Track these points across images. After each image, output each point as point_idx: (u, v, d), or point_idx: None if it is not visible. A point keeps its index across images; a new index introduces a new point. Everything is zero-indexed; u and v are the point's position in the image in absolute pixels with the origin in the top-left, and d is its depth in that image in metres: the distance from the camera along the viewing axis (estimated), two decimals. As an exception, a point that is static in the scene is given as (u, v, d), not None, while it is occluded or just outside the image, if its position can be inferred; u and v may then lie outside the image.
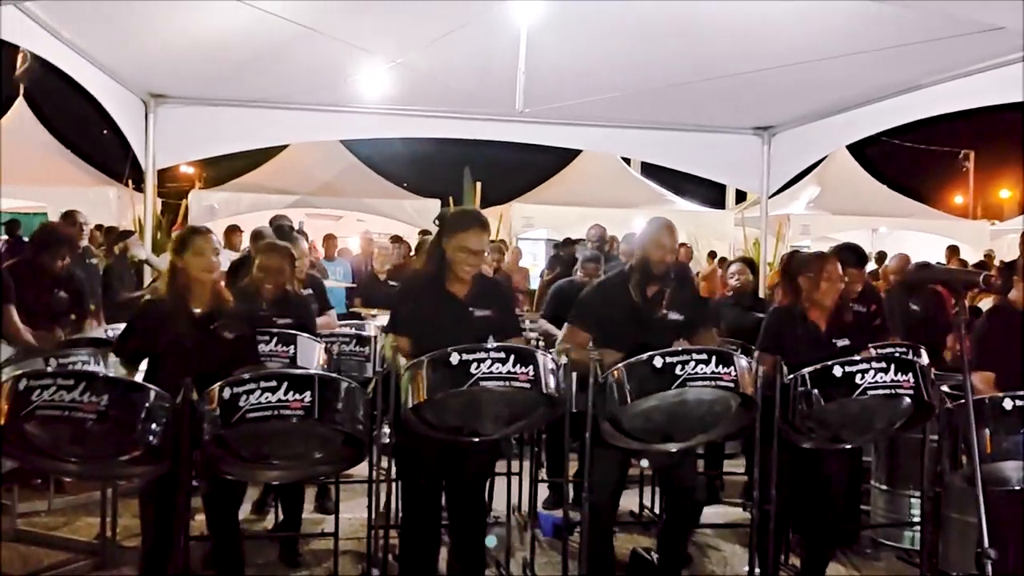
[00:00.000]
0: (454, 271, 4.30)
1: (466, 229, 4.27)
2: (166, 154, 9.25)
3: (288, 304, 5.37)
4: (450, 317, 4.25)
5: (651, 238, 4.59)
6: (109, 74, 7.95)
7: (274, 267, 5.30)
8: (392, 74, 7.92)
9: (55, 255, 6.01)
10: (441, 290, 4.33)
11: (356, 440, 3.97)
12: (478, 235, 4.28)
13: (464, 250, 4.24)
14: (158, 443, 3.70)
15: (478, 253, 4.28)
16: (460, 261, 4.26)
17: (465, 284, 4.34)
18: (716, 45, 7.13)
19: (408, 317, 4.35)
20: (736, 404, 4.17)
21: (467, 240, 4.25)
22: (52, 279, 6.06)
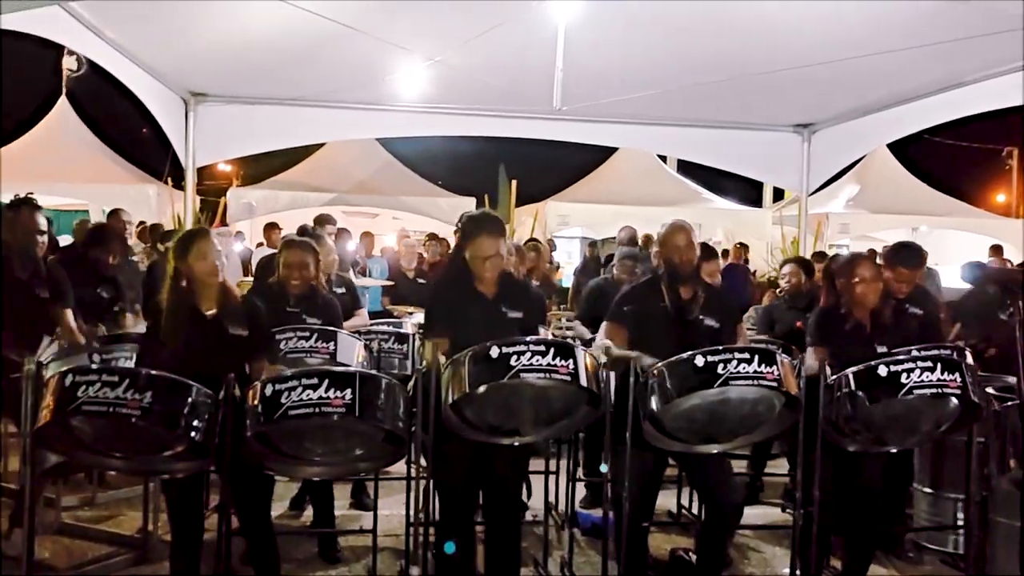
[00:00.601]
0: (476, 274, 4.35)
1: (477, 235, 4.31)
2: (206, 152, 9.37)
3: (316, 301, 5.36)
4: (482, 316, 4.28)
5: (665, 243, 4.63)
6: (151, 73, 8.06)
7: (296, 262, 5.29)
8: (429, 72, 7.95)
9: (106, 252, 6.09)
10: (471, 290, 4.36)
11: (396, 437, 3.98)
12: (489, 240, 4.29)
13: (477, 257, 4.29)
14: (201, 439, 3.72)
15: (491, 258, 4.30)
16: (478, 267, 4.32)
17: (492, 284, 4.37)
18: (757, 41, 7.08)
19: (443, 318, 4.35)
20: (780, 404, 4.12)
21: (478, 246, 4.29)
22: (99, 276, 6.13)
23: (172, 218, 12.37)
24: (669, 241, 4.62)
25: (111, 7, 6.11)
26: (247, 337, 4.16)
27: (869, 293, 4.66)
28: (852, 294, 4.69)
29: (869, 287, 4.66)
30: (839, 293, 4.77)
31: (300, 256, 5.29)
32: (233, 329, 4.13)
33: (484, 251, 4.28)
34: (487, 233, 4.32)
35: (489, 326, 4.17)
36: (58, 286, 5.28)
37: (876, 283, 4.70)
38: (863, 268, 4.69)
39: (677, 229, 4.65)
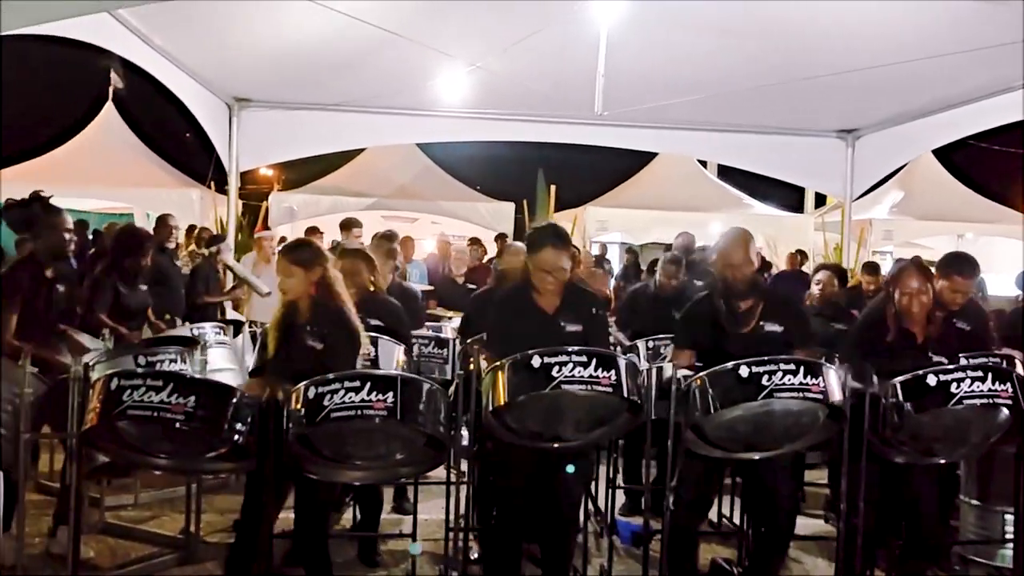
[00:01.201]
0: (537, 287, 4.28)
1: (542, 248, 4.24)
2: (249, 157, 9.47)
3: (374, 305, 5.38)
4: (538, 332, 4.19)
5: (722, 255, 4.48)
6: (196, 79, 8.15)
7: (349, 270, 5.32)
8: (471, 77, 7.97)
9: (138, 256, 6.14)
10: (529, 303, 4.31)
11: (437, 442, 3.98)
12: (553, 253, 4.22)
13: (541, 269, 4.23)
14: (244, 441, 3.76)
15: (555, 271, 4.23)
16: (541, 279, 4.25)
17: (554, 297, 4.30)
18: (801, 45, 7.02)
19: (497, 330, 4.33)
20: (824, 415, 4.07)
21: (542, 259, 4.22)
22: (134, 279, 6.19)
23: (215, 222, 12.52)
24: (723, 253, 4.47)
25: (158, 13, 6.18)
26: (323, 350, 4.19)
27: (914, 304, 4.53)
28: (900, 305, 4.57)
29: (914, 298, 4.53)
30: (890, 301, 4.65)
31: (353, 264, 5.33)
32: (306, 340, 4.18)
33: (546, 264, 4.21)
34: (552, 244, 4.24)
35: (544, 343, 4.04)
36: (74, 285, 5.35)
37: (923, 295, 4.54)
38: (909, 278, 4.57)
39: (736, 242, 4.47)
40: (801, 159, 10.07)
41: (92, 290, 6.01)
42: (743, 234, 4.53)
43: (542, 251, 4.23)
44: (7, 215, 5.07)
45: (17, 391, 4.33)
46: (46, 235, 5.00)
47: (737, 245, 4.45)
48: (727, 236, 4.56)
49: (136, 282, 6.18)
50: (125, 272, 6.10)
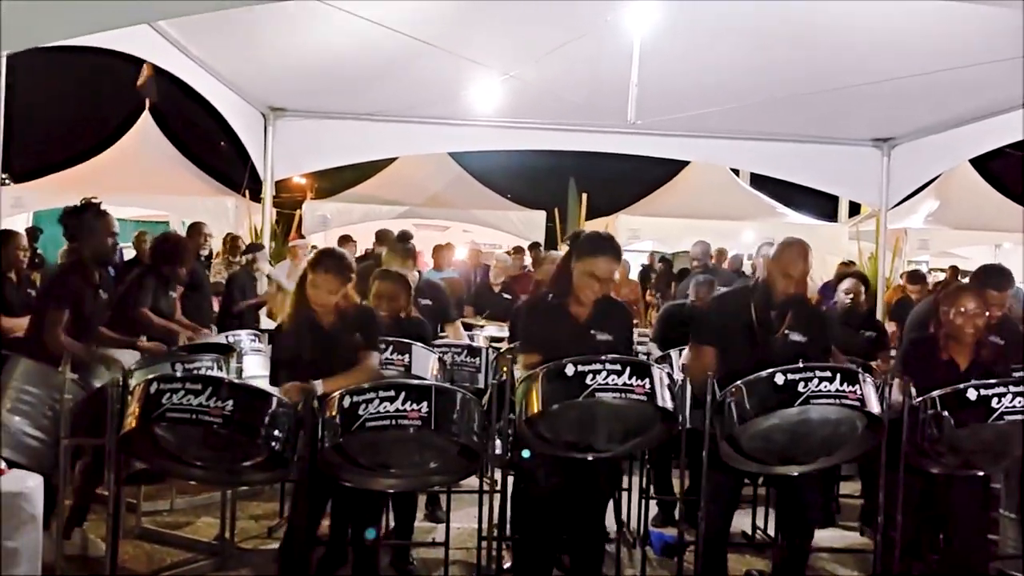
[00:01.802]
0: (577, 294, 4.24)
1: (595, 255, 4.20)
2: (284, 165, 9.56)
3: (402, 325, 5.41)
4: (570, 339, 4.19)
5: (781, 263, 4.41)
6: (232, 88, 8.24)
7: (387, 293, 5.36)
8: (504, 87, 7.99)
9: (176, 264, 6.24)
10: (563, 311, 4.29)
11: (471, 451, 3.99)
12: (608, 263, 4.19)
13: (591, 275, 4.17)
14: (280, 449, 3.78)
15: (605, 280, 4.20)
16: (585, 286, 4.19)
17: (587, 307, 4.28)
18: (836, 53, 6.97)
19: (533, 335, 4.33)
20: (862, 425, 4.03)
21: (595, 266, 4.17)
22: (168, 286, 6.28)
23: (249, 230, 12.62)
24: (783, 262, 4.40)
25: (195, 24, 6.25)
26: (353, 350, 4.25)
27: (968, 327, 4.42)
28: (952, 327, 4.46)
29: (969, 321, 4.41)
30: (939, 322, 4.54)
31: (391, 288, 5.35)
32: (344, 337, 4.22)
33: (600, 271, 4.16)
34: (611, 254, 4.22)
35: (575, 351, 4.05)
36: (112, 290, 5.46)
37: (979, 318, 4.43)
38: (966, 299, 4.44)
39: (795, 254, 4.40)
40: (836, 168, 9.98)
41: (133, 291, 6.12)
42: (806, 247, 4.47)
43: (597, 259, 4.18)
44: (65, 223, 5.18)
45: (57, 397, 4.39)
46: (94, 240, 5.11)
47: (799, 257, 4.39)
48: (789, 246, 4.49)
49: (169, 289, 6.28)
50: (162, 278, 6.20)
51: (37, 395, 4.53)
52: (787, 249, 4.45)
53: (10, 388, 4.49)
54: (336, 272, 4.22)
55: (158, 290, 6.16)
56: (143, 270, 6.40)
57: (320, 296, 4.21)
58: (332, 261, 4.27)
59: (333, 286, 4.21)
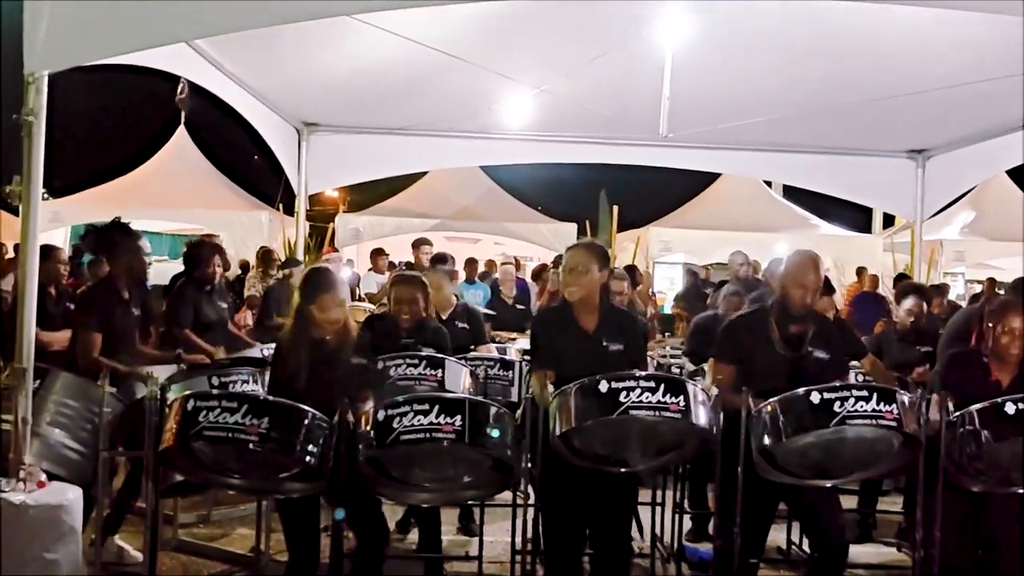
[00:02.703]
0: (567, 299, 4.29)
1: (568, 250, 4.35)
2: (317, 180, 9.66)
3: (426, 332, 5.44)
4: (581, 350, 4.20)
5: (791, 275, 4.37)
6: (267, 104, 8.33)
7: (406, 298, 5.38)
8: (535, 101, 8.02)
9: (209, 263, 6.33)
10: (571, 322, 4.29)
11: (504, 465, 4.00)
12: (575, 255, 4.28)
13: (566, 270, 4.26)
14: (315, 463, 3.81)
15: (572, 271, 4.23)
16: (564, 283, 4.28)
17: (593, 316, 4.28)
18: (869, 65, 6.93)
19: (546, 349, 4.34)
20: (898, 442, 3.99)
21: (568, 259, 4.28)
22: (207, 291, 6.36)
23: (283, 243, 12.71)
24: (793, 274, 4.36)
25: (230, 41, 6.34)
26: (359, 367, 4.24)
27: (1013, 347, 4.31)
28: (997, 345, 4.36)
29: (1016, 341, 4.30)
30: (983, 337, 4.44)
31: (410, 292, 5.38)
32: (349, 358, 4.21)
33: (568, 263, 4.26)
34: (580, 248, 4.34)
35: (587, 360, 4.09)
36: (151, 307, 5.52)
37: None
38: (1014, 318, 4.31)
39: (805, 265, 4.37)
40: (870, 180, 9.91)
41: (173, 306, 6.21)
42: (814, 257, 4.45)
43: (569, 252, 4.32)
44: (85, 239, 5.26)
45: (96, 410, 4.45)
46: (125, 259, 5.18)
47: (808, 268, 4.36)
48: (798, 258, 4.46)
49: (211, 295, 6.35)
50: (198, 283, 6.29)
51: (76, 408, 4.61)
52: (795, 261, 4.43)
53: (50, 401, 4.56)
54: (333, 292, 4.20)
55: (199, 300, 6.25)
56: (180, 283, 6.49)
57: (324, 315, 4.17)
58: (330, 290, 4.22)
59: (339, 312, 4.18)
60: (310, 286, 4.18)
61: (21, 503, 4.04)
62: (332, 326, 4.16)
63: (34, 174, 4.20)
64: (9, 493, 4.06)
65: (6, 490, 4.08)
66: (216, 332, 6.32)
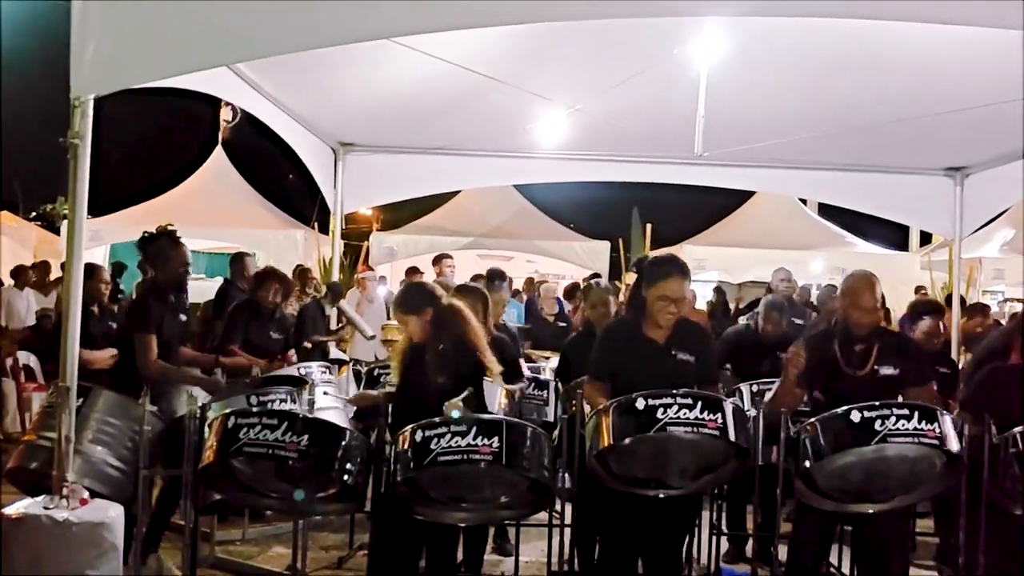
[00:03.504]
0: (654, 318, 4.23)
1: (666, 277, 4.20)
2: (352, 199, 9.71)
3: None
4: (649, 362, 4.18)
5: (849, 299, 4.35)
6: (304, 125, 8.41)
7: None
8: (570, 120, 8.02)
9: (270, 291, 6.46)
10: (640, 335, 4.27)
11: (541, 485, 4.00)
12: (679, 282, 4.19)
13: (664, 298, 4.15)
14: (353, 482, 3.84)
15: (679, 300, 4.19)
16: (660, 309, 4.17)
17: (666, 329, 4.25)
18: (907, 81, 6.86)
19: (604, 362, 4.33)
20: (941, 463, 3.94)
21: (667, 288, 4.16)
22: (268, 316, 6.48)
23: (318, 262, 12.84)
24: (851, 296, 4.34)
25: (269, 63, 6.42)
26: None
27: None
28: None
29: None
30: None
31: (471, 304, 5.37)
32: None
33: (672, 292, 4.16)
34: (679, 274, 4.23)
35: (656, 372, 4.08)
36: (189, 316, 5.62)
37: None
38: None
39: (862, 285, 4.34)
40: (907, 198, 9.78)
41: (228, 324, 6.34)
42: (871, 277, 4.41)
43: (667, 280, 4.18)
44: (143, 248, 5.36)
45: (137, 428, 4.51)
46: (168, 267, 5.27)
47: (865, 288, 4.33)
48: (855, 278, 4.44)
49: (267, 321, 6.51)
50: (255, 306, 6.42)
51: (118, 426, 4.66)
52: (853, 282, 4.41)
53: (92, 419, 4.62)
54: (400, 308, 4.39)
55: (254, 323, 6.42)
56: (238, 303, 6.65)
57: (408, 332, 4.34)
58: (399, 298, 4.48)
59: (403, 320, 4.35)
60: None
61: (64, 520, 4.08)
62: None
63: (79, 196, 4.27)
64: (53, 510, 4.11)
65: (50, 507, 4.13)
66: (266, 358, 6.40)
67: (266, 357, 6.19)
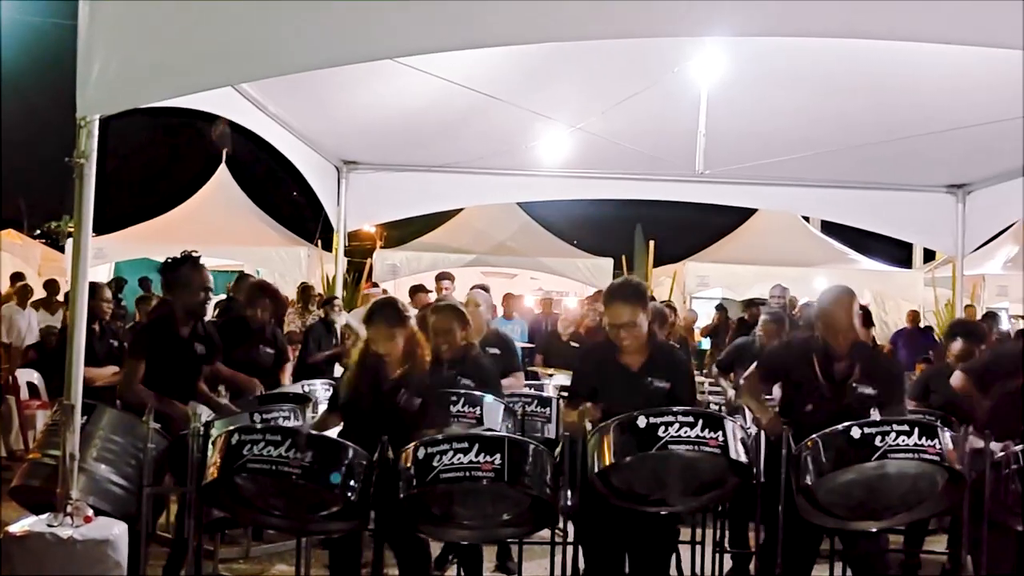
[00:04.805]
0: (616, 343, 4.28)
1: (609, 304, 4.29)
2: (356, 217, 9.78)
3: (466, 364, 5.45)
4: (624, 388, 4.22)
5: (823, 318, 4.41)
6: (307, 143, 8.48)
7: (443, 327, 5.40)
8: (572, 139, 8.08)
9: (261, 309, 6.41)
10: (615, 361, 4.31)
11: (543, 502, 4.00)
12: (623, 308, 4.22)
13: (612, 325, 4.23)
14: (356, 499, 3.85)
15: (625, 326, 4.21)
16: (613, 335, 4.25)
17: (640, 355, 4.29)
18: (907, 100, 6.91)
19: (587, 386, 4.35)
20: (942, 480, 3.94)
21: (612, 314, 4.24)
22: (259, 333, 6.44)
23: (321, 279, 12.85)
24: (828, 317, 4.39)
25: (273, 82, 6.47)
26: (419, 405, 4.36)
27: None
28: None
29: None
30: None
31: (447, 322, 5.41)
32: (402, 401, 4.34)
33: (614, 319, 4.23)
34: (618, 301, 4.26)
35: (632, 399, 4.10)
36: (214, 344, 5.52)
37: None
38: None
39: (838, 305, 4.39)
40: (909, 215, 9.83)
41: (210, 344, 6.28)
42: (846, 295, 4.45)
43: (611, 306, 4.26)
44: (165, 274, 5.27)
45: (140, 446, 4.52)
46: (187, 294, 5.18)
47: (839, 307, 4.38)
48: (829, 297, 4.49)
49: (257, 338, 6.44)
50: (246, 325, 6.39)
51: (122, 444, 4.66)
52: (828, 298, 4.46)
53: (96, 437, 4.62)
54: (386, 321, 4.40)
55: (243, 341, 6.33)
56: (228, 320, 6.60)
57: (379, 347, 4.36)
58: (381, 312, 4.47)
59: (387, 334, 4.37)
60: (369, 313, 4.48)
61: (68, 538, 4.09)
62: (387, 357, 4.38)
63: (84, 215, 4.29)
64: (57, 528, 4.12)
65: (54, 525, 4.14)
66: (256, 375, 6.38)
67: (256, 374, 6.16)
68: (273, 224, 15.66)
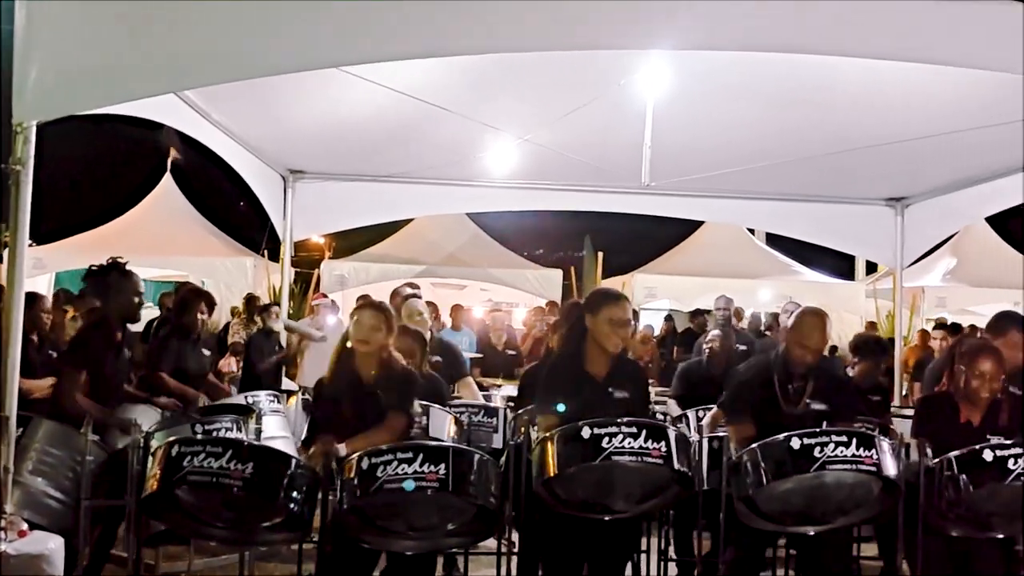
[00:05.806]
0: (600, 346, 4.28)
1: (612, 302, 4.31)
2: (302, 226, 9.66)
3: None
4: (588, 398, 4.23)
5: (797, 334, 4.44)
6: (252, 152, 8.37)
7: (405, 350, 5.35)
8: (520, 150, 8.09)
9: (196, 311, 6.31)
10: (580, 371, 4.33)
11: (488, 512, 4.00)
12: (623, 307, 4.31)
13: (611, 322, 4.24)
14: (299, 511, 3.81)
15: (625, 324, 4.29)
16: (607, 334, 4.25)
17: (604, 364, 4.32)
18: (848, 115, 7.03)
19: (547, 395, 4.36)
20: (878, 488, 4.02)
21: (614, 312, 4.26)
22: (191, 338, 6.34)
23: (268, 289, 12.74)
24: (798, 333, 4.43)
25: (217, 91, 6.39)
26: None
27: (984, 390, 4.32)
28: (968, 388, 4.36)
29: (986, 384, 4.31)
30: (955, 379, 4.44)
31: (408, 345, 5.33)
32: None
33: (618, 315, 4.25)
34: (624, 300, 4.37)
35: (593, 409, 4.12)
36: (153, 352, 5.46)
37: (996, 381, 4.34)
38: (983, 361, 4.31)
39: (812, 325, 4.43)
40: (850, 227, 9.99)
41: (155, 351, 6.18)
42: (822, 317, 4.49)
43: (612, 305, 4.29)
44: (89, 282, 5.23)
45: (79, 458, 4.43)
46: (119, 300, 5.14)
47: (815, 328, 4.42)
48: (805, 316, 4.51)
49: (196, 343, 6.33)
50: (184, 331, 6.26)
51: (59, 456, 4.56)
52: (804, 320, 4.49)
53: (32, 449, 4.52)
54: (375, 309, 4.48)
55: (182, 348, 6.22)
56: (167, 330, 6.48)
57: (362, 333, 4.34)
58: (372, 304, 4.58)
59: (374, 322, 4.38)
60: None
61: (2, 553, 3.99)
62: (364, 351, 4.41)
63: (21, 223, 4.20)
64: (-10, 543, 4.03)
65: (-13, 539, 4.05)
66: (197, 380, 6.29)
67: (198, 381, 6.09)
68: (219, 234, 15.50)
